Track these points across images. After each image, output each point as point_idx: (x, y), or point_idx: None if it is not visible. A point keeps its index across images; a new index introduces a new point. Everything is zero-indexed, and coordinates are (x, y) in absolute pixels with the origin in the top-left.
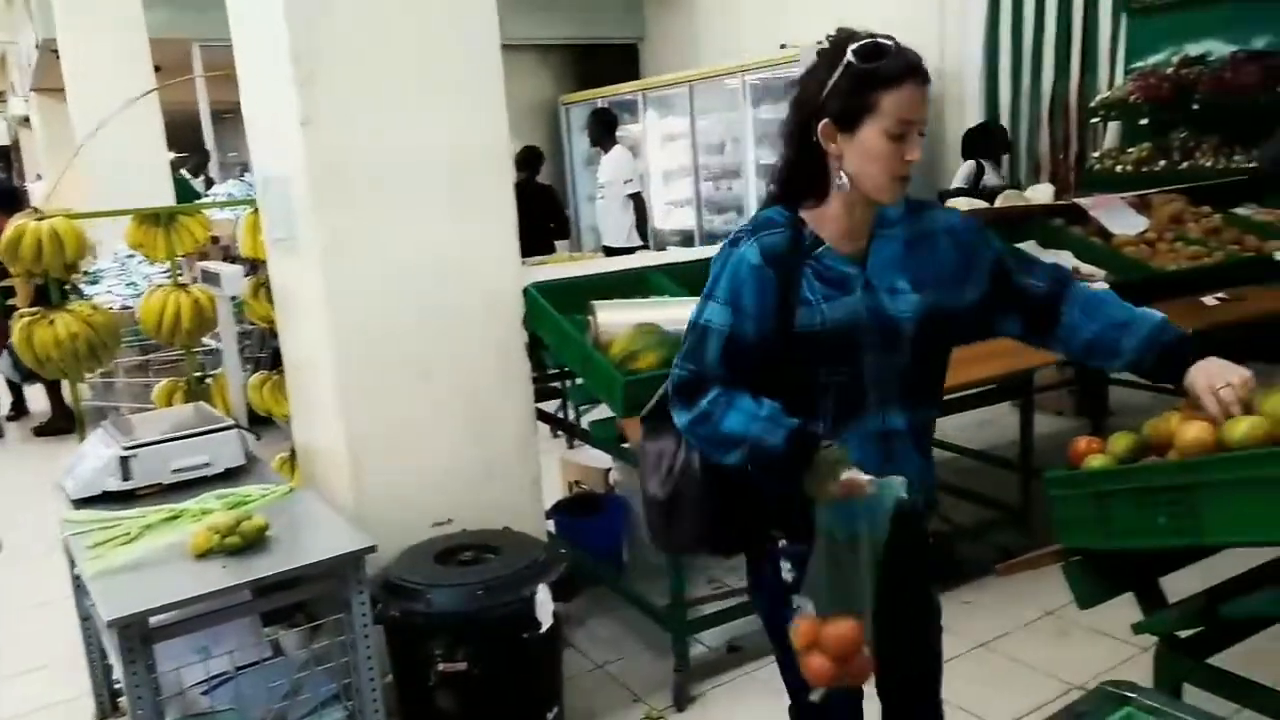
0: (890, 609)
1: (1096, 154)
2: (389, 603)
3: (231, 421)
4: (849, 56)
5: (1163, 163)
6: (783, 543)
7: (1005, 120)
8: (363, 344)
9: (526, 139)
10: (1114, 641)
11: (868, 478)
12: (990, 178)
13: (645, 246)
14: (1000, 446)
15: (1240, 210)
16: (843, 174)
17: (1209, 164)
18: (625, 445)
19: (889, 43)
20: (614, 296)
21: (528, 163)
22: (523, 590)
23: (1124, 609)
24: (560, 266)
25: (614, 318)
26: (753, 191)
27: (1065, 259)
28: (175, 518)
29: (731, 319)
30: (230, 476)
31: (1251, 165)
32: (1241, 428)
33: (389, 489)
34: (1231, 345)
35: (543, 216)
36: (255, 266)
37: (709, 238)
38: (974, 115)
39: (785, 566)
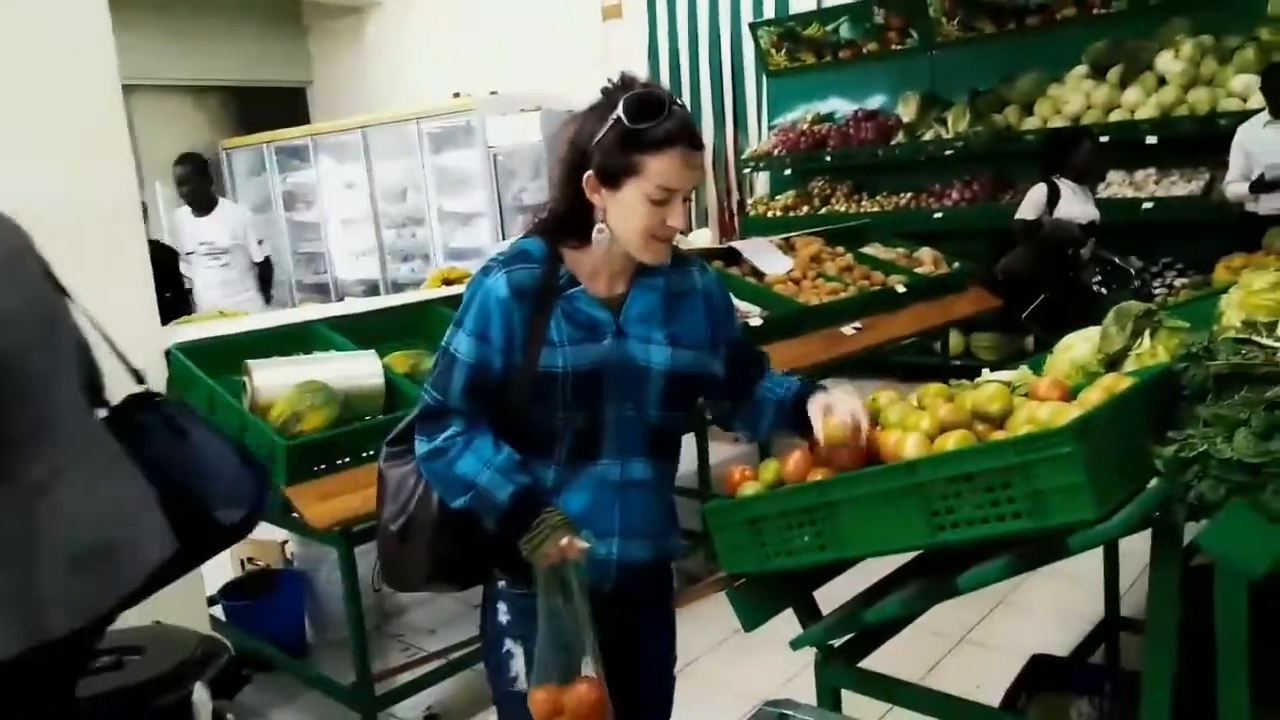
0: (630, 656)
1: (752, 201)
2: None
3: None
4: (619, 111)
5: (805, 208)
6: (503, 583)
7: None
8: None
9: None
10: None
11: (582, 544)
12: (1072, 206)
13: None
14: (683, 476)
15: (867, 249)
16: (604, 225)
17: (842, 209)
18: (294, 515)
19: (662, 99)
20: (273, 354)
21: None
22: (174, 693)
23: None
24: (208, 324)
25: (273, 378)
26: (438, 239)
27: None
28: None
29: (478, 351)
30: None
31: (875, 210)
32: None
33: None
34: (866, 366)
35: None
36: None
37: (395, 286)
38: None
39: (502, 608)
